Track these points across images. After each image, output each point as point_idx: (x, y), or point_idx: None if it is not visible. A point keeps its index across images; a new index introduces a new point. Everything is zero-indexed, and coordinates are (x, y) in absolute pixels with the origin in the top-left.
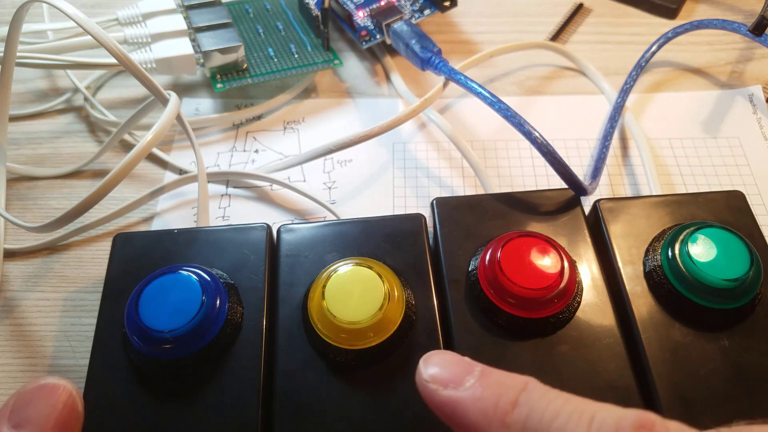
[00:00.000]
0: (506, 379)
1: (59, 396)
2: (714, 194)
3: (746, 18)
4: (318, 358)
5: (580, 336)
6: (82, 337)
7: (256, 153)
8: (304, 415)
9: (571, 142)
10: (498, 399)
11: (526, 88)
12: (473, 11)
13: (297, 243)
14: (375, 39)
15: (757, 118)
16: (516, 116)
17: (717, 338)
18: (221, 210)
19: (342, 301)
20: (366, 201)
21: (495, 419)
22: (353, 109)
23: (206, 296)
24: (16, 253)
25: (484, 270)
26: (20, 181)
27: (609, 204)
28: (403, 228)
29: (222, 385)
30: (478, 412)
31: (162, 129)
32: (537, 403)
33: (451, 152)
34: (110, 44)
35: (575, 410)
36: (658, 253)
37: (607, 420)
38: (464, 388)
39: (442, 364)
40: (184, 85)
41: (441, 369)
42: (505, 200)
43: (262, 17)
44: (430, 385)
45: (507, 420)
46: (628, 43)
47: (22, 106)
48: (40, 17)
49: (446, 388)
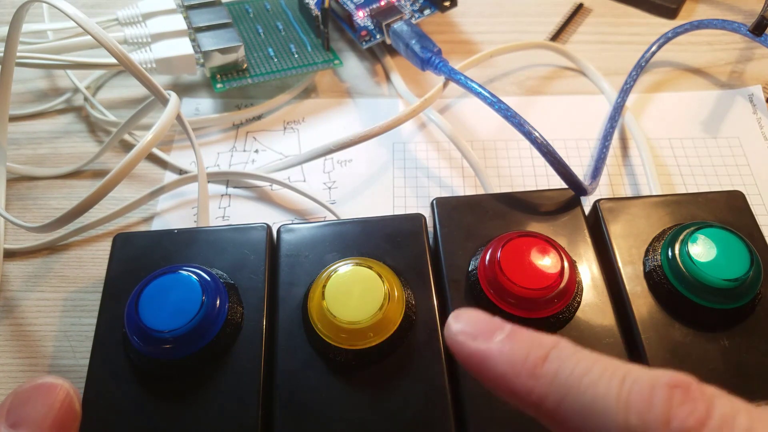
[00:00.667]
0: (537, 336)
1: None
2: (714, 194)
3: (746, 18)
4: (318, 358)
5: (580, 336)
6: (82, 337)
7: (256, 153)
8: (304, 415)
9: (571, 142)
10: (528, 352)
11: (526, 88)
12: (473, 11)
13: (297, 243)
14: (375, 39)
15: (757, 118)
16: (516, 116)
17: (717, 338)
18: (221, 210)
19: (342, 301)
20: (366, 201)
21: (524, 371)
22: (353, 109)
23: (206, 296)
24: (16, 253)
25: (484, 270)
26: (20, 181)
27: (609, 204)
28: (403, 228)
29: (222, 385)
30: (506, 363)
31: (162, 129)
32: (568, 359)
33: (451, 152)
34: (110, 44)
35: (607, 368)
36: (658, 253)
37: (641, 379)
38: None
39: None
40: (184, 85)
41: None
42: (505, 200)
43: (262, 17)
44: (459, 337)
45: (536, 372)
46: (628, 43)
47: (22, 106)
48: (40, 17)
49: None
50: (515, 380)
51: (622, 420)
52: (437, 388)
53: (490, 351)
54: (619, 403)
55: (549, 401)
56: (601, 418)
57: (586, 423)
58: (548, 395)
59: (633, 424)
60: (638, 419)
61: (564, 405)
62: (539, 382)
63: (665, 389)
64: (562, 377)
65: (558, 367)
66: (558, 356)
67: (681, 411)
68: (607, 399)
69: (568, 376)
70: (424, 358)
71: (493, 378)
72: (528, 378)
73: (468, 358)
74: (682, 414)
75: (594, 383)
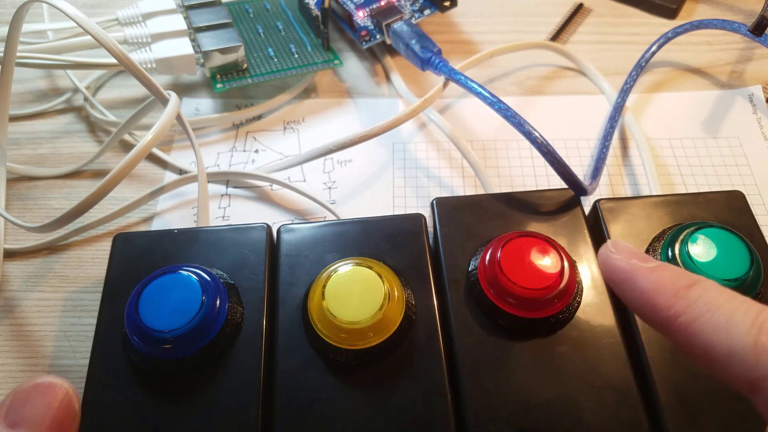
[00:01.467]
0: (684, 271)
1: (56, 395)
2: (714, 194)
3: (746, 18)
4: (318, 358)
5: (580, 336)
6: (82, 337)
7: (256, 153)
8: (304, 415)
9: (571, 142)
10: (677, 278)
11: (526, 88)
12: (473, 11)
13: (297, 243)
14: (375, 39)
15: (757, 118)
16: (516, 116)
17: None
18: (221, 210)
19: (342, 301)
20: (366, 201)
21: (669, 290)
22: (353, 109)
23: (206, 296)
24: (16, 253)
25: (484, 270)
26: (20, 181)
27: (609, 204)
28: (403, 228)
29: (222, 385)
30: (654, 281)
31: (162, 129)
32: (712, 290)
33: (451, 152)
34: (110, 44)
35: (745, 302)
36: (658, 253)
37: None
38: (647, 265)
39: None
40: (184, 85)
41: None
42: (505, 200)
43: (262, 17)
44: (615, 255)
45: (681, 293)
46: (628, 43)
47: (22, 106)
48: (40, 17)
49: (629, 261)
50: (658, 297)
51: (752, 339)
52: (437, 388)
53: (642, 270)
54: (754, 327)
55: (686, 317)
56: (733, 335)
57: (718, 337)
58: (687, 312)
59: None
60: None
61: (699, 321)
62: (681, 300)
63: None
64: (704, 300)
65: (701, 293)
66: (703, 286)
67: None
68: (743, 323)
69: (710, 300)
70: (424, 358)
71: (638, 293)
72: (671, 296)
73: (620, 273)
74: None
75: (733, 310)
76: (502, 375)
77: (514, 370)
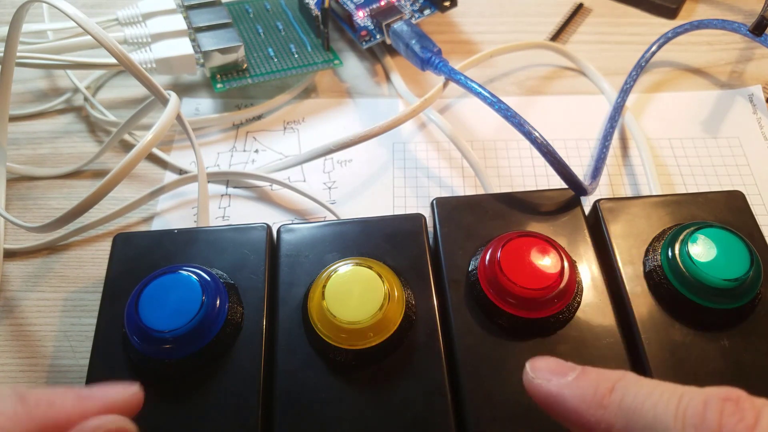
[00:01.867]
0: (604, 372)
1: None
2: (714, 194)
3: (746, 18)
4: (318, 358)
5: (580, 336)
6: (82, 337)
7: (256, 153)
8: (304, 415)
9: (571, 142)
10: (597, 386)
11: (526, 88)
12: (473, 11)
13: (297, 243)
14: (375, 39)
15: (757, 118)
16: (516, 116)
17: (717, 338)
18: (221, 210)
19: (342, 301)
20: (366, 201)
21: (593, 403)
22: (353, 109)
23: (206, 296)
24: (16, 253)
25: (484, 270)
26: (20, 181)
27: (609, 204)
28: (403, 228)
29: (222, 385)
30: (578, 398)
31: (162, 129)
32: (632, 387)
33: (451, 152)
34: (110, 44)
35: (666, 390)
36: (658, 253)
37: (696, 396)
38: (566, 380)
39: (547, 364)
40: (184, 85)
41: (544, 369)
42: (505, 200)
43: (262, 17)
44: (536, 380)
45: (604, 402)
46: (628, 43)
47: (22, 106)
48: (40, 17)
49: (549, 382)
50: (586, 412)
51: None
52: (437, 388)
53: (564, 388)
54: (677, 419)
55: (617, 427)
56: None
57: None
58: (616, 421)
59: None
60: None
61: (629, 427)
62: (607, 410)
63: (717, 402)
64: (627, 402)
65: (623, 395)
66: (623, 386)
67: (731, 420)
68: (667, 416)
69: (632, 401)
70: (424, 358)
71: (567, 413)
72: (597, 408)
73: (545, 397)
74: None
75: (654, 404)
76: (502, 375)
77: (514, 370)
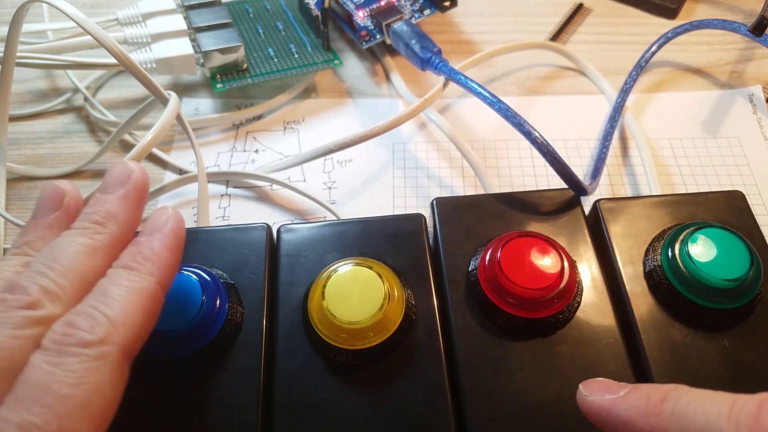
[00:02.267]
0: (655, 385)
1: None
2: (714, 194)
3: (746, 18)
4: (318, 358)
5: (580, 336)
6: None
7: (256, 153)
8: (304, 415)
9: (571, 142)
10: (649, 396)
11: (526, 88)
12: (473, 11)
13: (297, 243)
14: (375, 39)
15: (757, 118)
16: (516, 116)
17: (717, 338)
18: (221, 210)
19: (342, 301)
20: (366, 201)
21: (646, 412)
22: (353, 109)
23: (206, 296)
24: None
25: (484, 270)
26: (20, 181)
27: (609, 204)
28: (403, 228)
29: (222, 385)
30: (631, 409)
31: (162, 129)
32: (684, 395)
33: (451, 152)
34: (110, 44)
35: (718, 396)
36: (658, 253)
37: (750, 400)
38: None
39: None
40: (184, 85)
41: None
42: (505, 200)
43: (262, 17)
44: (589, 398)
45: (656, 410)
46: (628, 43)
47: (22, 106)
48: (40, 17)
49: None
50: (639, 421)
51: None
52: (437, 388)
53: (617, 402)
54: (731, 421)
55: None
56: None
57: None
58: (669, 428)
59: None
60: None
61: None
62: (660, 418)
63: None
64: (679, 409)
65: (675, 403)
66: (674, 395)
67: None
68: (720, 420)
69: (685, 407)
70: (424, 358)
71: (621, 424)
72: (650, 417)
73: (599, 412)
74: None
75: (707, 410)
76: (502, 375)
77: (514, 370)
